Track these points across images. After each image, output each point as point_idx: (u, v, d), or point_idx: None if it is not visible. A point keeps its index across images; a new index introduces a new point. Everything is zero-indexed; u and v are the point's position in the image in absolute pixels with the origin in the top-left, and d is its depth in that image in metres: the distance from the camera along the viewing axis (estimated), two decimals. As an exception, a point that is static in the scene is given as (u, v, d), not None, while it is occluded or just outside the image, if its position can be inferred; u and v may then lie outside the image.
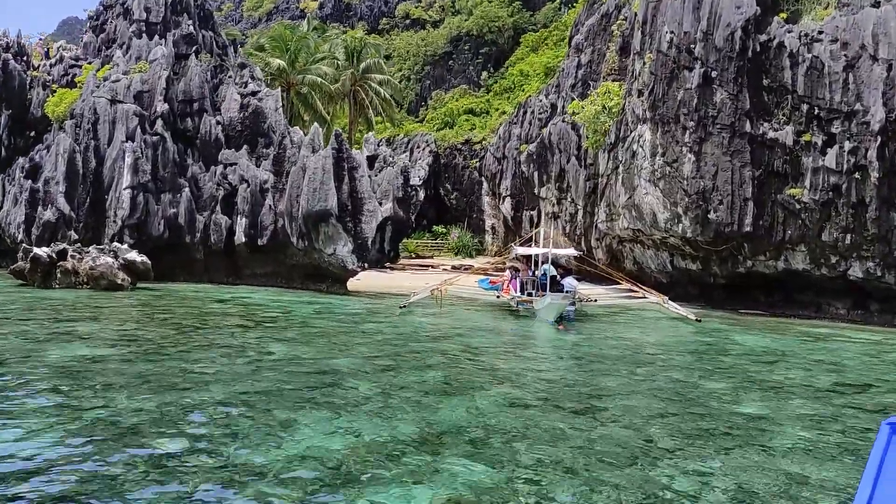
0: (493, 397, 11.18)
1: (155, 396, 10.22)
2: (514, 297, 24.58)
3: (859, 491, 2.63)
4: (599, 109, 34.35)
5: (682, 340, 19.54)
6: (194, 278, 32.28)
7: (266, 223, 30.93)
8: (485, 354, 15.51)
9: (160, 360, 12.91)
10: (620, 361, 15.28)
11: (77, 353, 13.14)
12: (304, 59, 45.93)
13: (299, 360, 13.45)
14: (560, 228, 40.15)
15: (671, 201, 27.83)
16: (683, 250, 28.93)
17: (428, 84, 75.27)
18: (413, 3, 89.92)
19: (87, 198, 31.93)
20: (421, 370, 13.18)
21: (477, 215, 50.73)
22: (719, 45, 26.66)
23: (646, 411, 10.70)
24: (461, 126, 57.71)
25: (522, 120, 46.01)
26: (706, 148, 26.81)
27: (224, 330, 17.00)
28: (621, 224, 31.50)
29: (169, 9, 38.06)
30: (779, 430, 9.95)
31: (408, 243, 47.11)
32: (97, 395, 10.22)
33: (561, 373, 13.86)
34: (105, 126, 32.96)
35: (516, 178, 44.98)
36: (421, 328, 19.71)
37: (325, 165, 28.72)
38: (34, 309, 19.67)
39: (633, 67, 32.11)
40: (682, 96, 27.58)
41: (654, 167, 28.70)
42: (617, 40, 38.01)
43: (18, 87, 38.98)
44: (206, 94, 35.04)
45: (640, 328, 22.14)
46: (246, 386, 11.01)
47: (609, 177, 33.25)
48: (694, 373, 14.43)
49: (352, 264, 28.84)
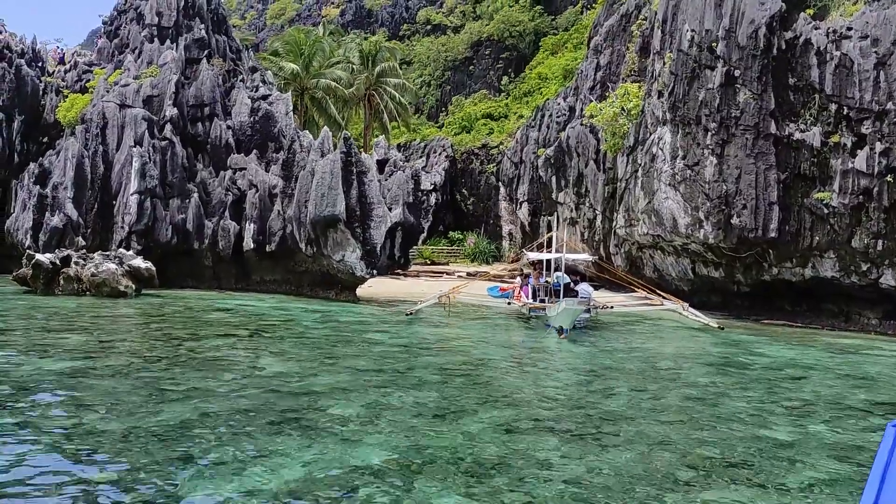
0: (488, 420, 10.23)
1: (110, 417, 9.42)
2: (526, 305, 23.61)
3: (865, 492, 2.64)
4: (618, 111, 33.28)
5: (701, 352, 18.43)
6: (203, 285, 31.68)
7: (274, 229, 30.23)
8: (487, 368, 14.56)
9: (136, 375, 12.13)
10: (633, 376, 14.25)
11: (49, 367, 12.42)
12: (319, 63, 45.35)
13: (285, 375, 12.60)
14: (578, 234, 39.08)
15: (692, 206, 26.70)
16: (705, 257, 27.75)
17: (448, 90, 74.59)
18: (434, 8, 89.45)
19: (95, 203, 31.48)
20: (415, 387, 12.27)
21: (494, 221, 49.76)
22: (742, 43, 25.52)
23: (657, 436, 9.70)
24: (478, 131, 56.83)
25: (540, 124, 45.04)
26: (729, 150, 25.66)
27: (216, 341, 16.22)
28: (640, 230, 30.38)
29: (181, 13, 37.61)
30: (805, 459, 8.89)
31: (423, 249, 46.26)
32: (45, 416, 9.43)
33: (567, 390, 12.87)
34: (114, 131, 32.53)
35: (534, 183, 43.97)
36: (424, 338, 18.80)
37: (333, 170, 27.96)
38: (27, 317, 19.09)
39: (652, 68, 31.03)
40: (703, 96, 26.47)
41: (675, 170, 27.60)
42: (637, 40, 36.92)
43: (31, 93, 38.76)
44: (218, 98, 34.50)
45: (657, 338, 21.06)
46: (217, 406, 10.17)
47: (628, 181, 32.15)
48: (713, 389, 13.36)
49: (360, 271, 28.02)
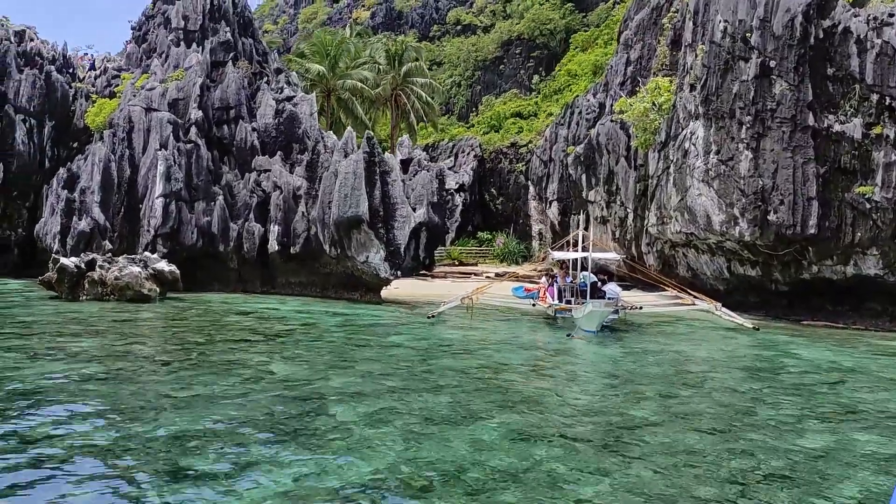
0: (504, 428, 9.63)
1: (104, 424, 9.03)
2: (552, 306, 22.91)
3: None
4: (649, 106, 32.38)
5: (735, 354, 17.58)
6: (228, 288, 31.50)
7: (299, 230, 29.92)
8: (508, 372, 13.94)
9: (142, 380, 11.77)
10: (662, 381, 13.51)
11: (55, 371, 12.12)
12: (345, 64, 45.07)
13: (295, 380, 12.13)
14: (609, 233, 38.21)
15: (727, 202, 25.76)
16: (741, 255, 26.76)
17: (479, 89, 74.04)
18: (464, 8, 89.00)
19: (122, 207, 31.51)
20: (430, 392, 11.71)
21: (523, 221, 48.98)
22: (778, 32, 24.53)
23: (684, 446, 9.01)
24: (507, 129, 56.10)
25: (570, 121, 44.19)
26: (765, 144, 24.68)
27: (230, 345, 15.85)
28: (673, 228, 29.48)
29: (207, 17, 37.57)
30: (847, 472, 8.14)
31: (451, 250, 45.71)
32: (42, 424, 9.04)
33: (590, 396, 12.20)
34: (140, 135, 32.55)
35: (563, 182, 43.16)
36: (444, 341, 18.22)
37: (356, 170, 27.54)
38: (45, 322, 18.94)
39: (684, 61, 30.11)
40: (737, 89, 25.52)
41: (708, 166, 26.68)
42: (668, 34, 35.98)
43: (61, 99, 39.03)
44: (243, 100, 34.36)
45: (688, 339, 20.22)
46: (220, 413, 9.72)
47: (659, 177, 31.26)
48: (747, 395, 12.59)
49: (384, 272, 27.55)
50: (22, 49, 40.01)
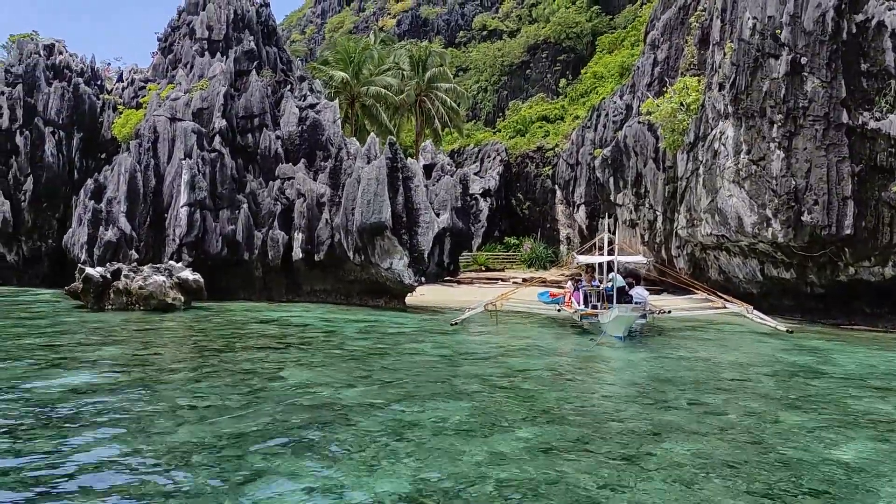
0: (522, 438, 9.23)
1: (107, 437, 8.79)
2: (577, 311, 22.41)
3: None
4: (676, 107, 31.73)
5: (767, 359, 16.95)
6: (253, 296, 31.46)
7: (323, 238, 29.76)
8: (530, 380, 13.51)
9: (153, 389, 11.57)
10: (690, 388, 12.99)
11: (65, 382, 11.97)
12: (369, 71, 44.98)
13: (310, 389, 11.83)
14: (638, 236, 37.58)
15: (758, 203, 25.06)
16: (774, 257, 26.02)
17: (505, 94, 73.76)
18: (490, 14, 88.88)
19: (148, 217, 31.63)
20: (448, 401, 11.34)
21: (551, 225, 48.46)
22: (808, 28, 23.83)
23: (714, 458, 8.53)
24: (534, 133, 55.62)
25: (596, 123, 43.66)
26: (797, 143, 23.95)
27: (248, 354, 15.62)
28: (703, 230, 28.80)
29: (230, 26, 37.75)
30: (888, 489, 7.61)
31: (478, 256, 45.32)
32: (42, 437, 8.82)
33: (615, 403, 11.73)
34: (164, 144, 32.69)
35: (591, 185, 42.61)
36: (466, 348, 17.83)
37: (378, 176, 27.31)
38: (69, 332, 18.91)
39: (712, 59, 29.46)
40: (767, 87, 24.84)
41: (739, 166, 26.01)
42: (695, 33, 35.30)
43: (89, 111, 39.45)
44: (267, 109, 34.40)
45: (719, 344, 19.59)
46: (228, 424, 9.45)
47: (689, 179, 30.60)
48: (781, 402, 12.03)
49: (408, 279, 27.24)
50: (51, 62, 40.60)
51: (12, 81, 38.70)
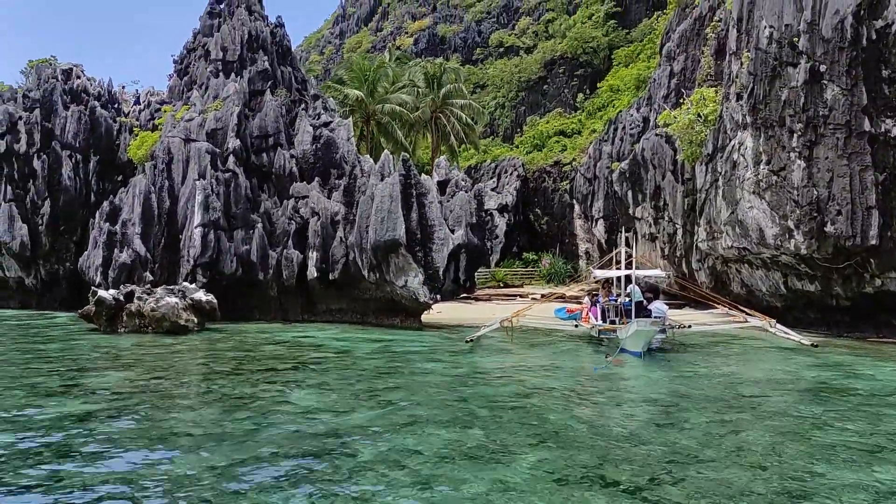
0: (530, 465, 8.79)
1: (89, 465, 8.46)
2: (595, 327, 21.89)
3: None
4: (694, 118, 31.25)
5: (792, 376, 16.33)
6: (268, 316, 31.25)
7: (337, 256, 29.51)
8: (544, 400, 13.04)
9: (149, 417, 11.25)
10: (712, 407, 12.45)
11: (60, 409, 11.70)
12: (384, 89, 44.92)
13: (312, 414, 11.46)
14: (658, 250, 36.98)
15: (780, 214, 24.46)
16: (798, 269, 25.35)
17: (523, 110, 73.68)
18: (506, 31, 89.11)
19: (163, 238, 31.58)
20: (457, 425, 10.91)
21: (569, 240, 47.93)
22: (827, 35, 23.28)
23: (734, 486, 8.03)
24: (551, 148, 55.25)
25: (613, 136, 43.21)
26: (818, 152, 23.36)
27: (255, 376, 15.29)
28: (724, 243, 28.20)
29: (245, 47, 37.84)
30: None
31: (496, 272, 44.89)
32: (22, 465, 8.51)
33: (632, 426, 11.23)
34: (179, 165, 32.71)
35: (609, 199, 42.11)
36: (480, 367, 17.39)
37: (392, 193, 27.05)
38: (76, 356, 18.72)
39: (729, 69, 28.99)
40: (786, 96, 24.30)
41: (759, 177, 25.46)
42: (711, 43, 34.87)
43: (105, 134, 39.68)
44: (282, 128, 34.37)
45: (741, 359, 18.97)
46: (222, 453, 9.08)
47: (708, 191, 30.03)
48: (807, 421, 11.47)
49: (423, 296, 26.87)
50: (69, 87, 40.94)
51: (30, 106, 39.06)
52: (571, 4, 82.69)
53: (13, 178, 37.69)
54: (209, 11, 40.72)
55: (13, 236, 36.90)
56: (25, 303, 39.40)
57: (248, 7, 39.30)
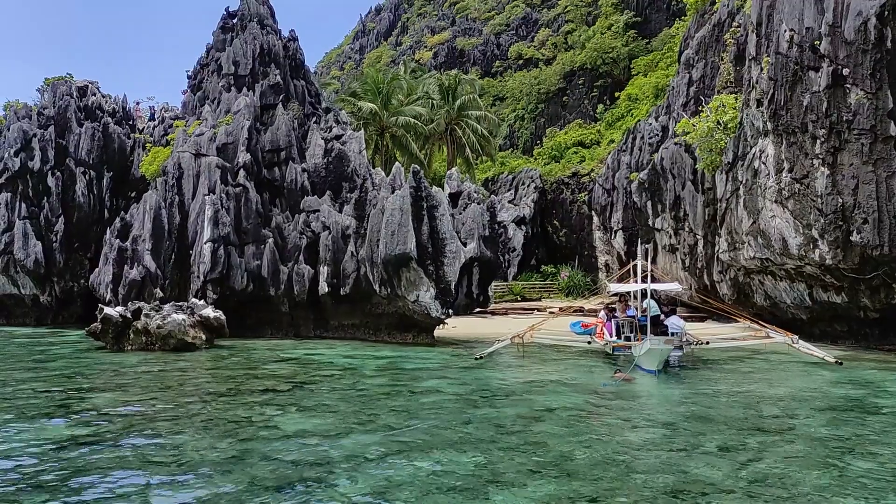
0: (527, 497, 8.08)
1: (66, 496, 7.90)
2: (609, 342, 21.07)
3: None
4: (713, 126, 30.39)
5: (816, 393, 15.44)
6: (280, 333, 30.77)
7: (348, 271, 28.97)
8: (550, 423, 12.31)
9: (128, 442, 10.69)
10: (729, 430, 11.65)
11: (39, 434, 11.19)
12: (398, 101, 44.51)
13: (301, 439, 10.83)
14: (679, 262, 36.03)
15: (803, 223, 23.54)
16: (823, 280, 24.37)
17: (542, 122, 73.09)
18: (525, 43, 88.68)
19: (173, 254, 31.28)
20: (454, 450, 10.23)
21: (588, 252, 47.05)
22: (849, 37, 22.40)
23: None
24: (568, 159, 54.50)
25: (632, 146, 42.40)
26: (842, 158, 22.44)
27: (251, 397, 14.71)
28: (746, 253, 27.29)
29: (257, 61, 37.61)
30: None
31: (513, 285, 44.13)
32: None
33: (640, 450, 10.47)
34: (189, 180, 32.45)
35: (628, 210, 41.25)
36: (487, 386, 16.66)
37: (402, 206, 26.49)
38: (74, 375, 18.29)
39: (749, 75, 28.13)
40: (808, 101, 23.42)
41: (781, 185, 24.56)
42: (731, 49, 34.02)
43: (119, 150, 39.65)
44: (294, 142, 34.03)
45: (762, 378, 18.07)
46: (196, 485, 8.48)
47: (729, 200, 29.14)
48: (832, 444, 10.65)
49: (436, 311, 26.20)
50: (83, 104, 41.00)
51: (44, 123, 39.13)
52: (591, 15, 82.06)
53: (27, 196, 37.71)
54: (222, 26, 40.61)
55: (27, 253, 36.85)
56: (41, 320, 39.32)
57: (261, 21, 39.12)
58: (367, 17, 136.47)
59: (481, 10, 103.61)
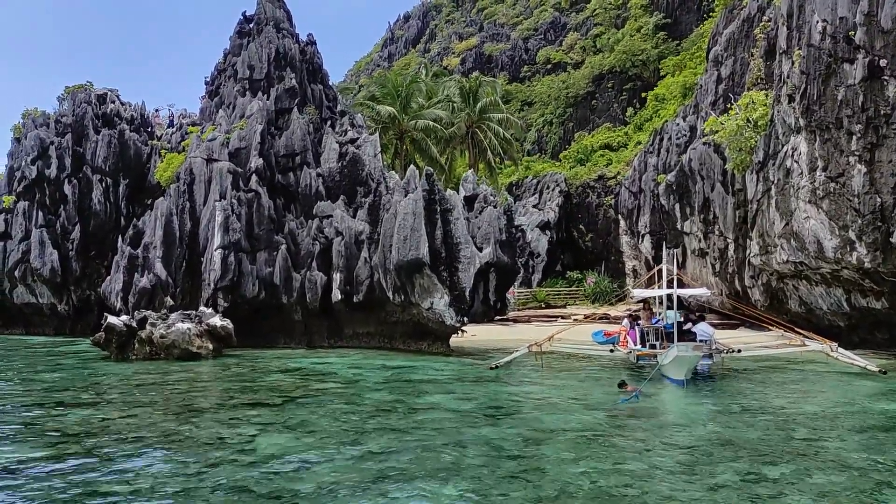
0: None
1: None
2: (633, 351, 19.78)
3: None
4: (742, 123, 28.90)
5: (856, 408, 14.05)
6: (293, 341, 29.91)
7: (362, 277, 28.03)
8: (558, 445, 11.14)
9: (89, 465, 9.77)
10: (753, 456, 10.38)
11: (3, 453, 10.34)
12: (418, 104, 43.57)
13: (277, 462, 9.83)
14: (709, 267, 34.49)
15: (839, 224, 22.04)
16: (862, 284, 22.84)
17: (571, 126, 71.74)
18: (553, 47, 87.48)
19: (184, 261, 30.61)
20: (440, 479, 9.13)
21: (615, 257, 45.60)
22: (887, 26, 20.93)
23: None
24: (595, 162, 53.07)
25: (659, 147, 40.93)
26: (880, 154, 20.94)
27: (237, 412, 13.77)
28: (779, 257, 25.80)
29: (272, 65, 36.94)
30: None
31: (537, 292, 42.85)
32: None
33: (654, 478, 9.26)
34: (200, 186, 31.80)
35: (655, 213, 39.76)
36: (495, 400, 15.50)
37: (415, 210, 25.48)
38: (65, 387, 17.55)
39: (779, 70, 26.66)
40: (843, 95, 21.93)
41: (815, 185, 23.07)
42: (761, 44, 32.45)
43: (135, 157, 39.28)
44: (308, 146, 33.26)
45: (797, 389, 16.68)
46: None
47: (760, 202, 27.67)
48: (872, 470, 9.38)
49: (450, 319, 25.12)
50: (102, 111, 40.74)
51: (62, 131, 38.92)
52: (620, 18, 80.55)
53: (44, 204, 37.48)
54: (238, 31, 40.05)
55: (44, 262, 36.57)
56: (60, 329, 39.05)
57: (277, 25, 38.46)
58: (396, 24, 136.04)
59: (509, 16, 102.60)
